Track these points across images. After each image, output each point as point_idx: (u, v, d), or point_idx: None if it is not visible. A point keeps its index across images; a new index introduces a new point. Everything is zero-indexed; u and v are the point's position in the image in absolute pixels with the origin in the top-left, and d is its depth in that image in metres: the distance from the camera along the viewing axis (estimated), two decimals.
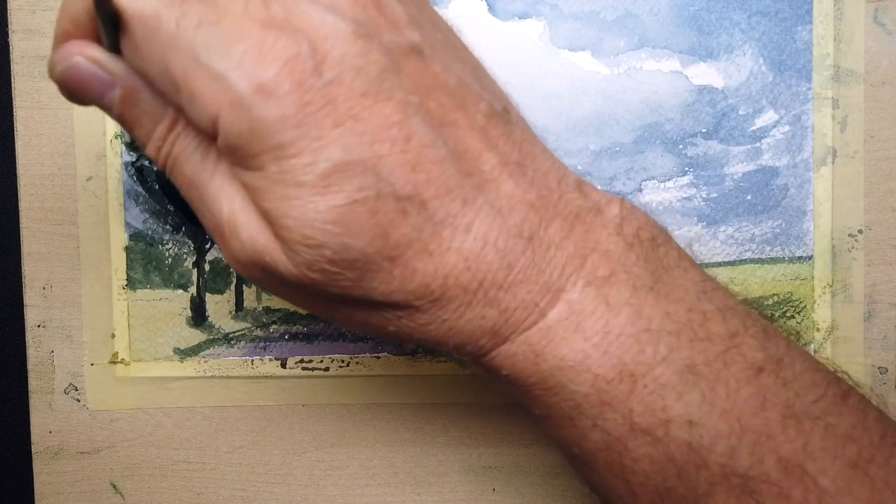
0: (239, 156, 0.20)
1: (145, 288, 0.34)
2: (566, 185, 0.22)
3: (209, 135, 0.20)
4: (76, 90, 0.21)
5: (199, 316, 0.34)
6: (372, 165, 0.19)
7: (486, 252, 0.21)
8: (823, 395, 0.22)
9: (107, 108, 0.22)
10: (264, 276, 0.21)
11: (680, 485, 0.21)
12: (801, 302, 0.32)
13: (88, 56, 0.21)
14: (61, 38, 0.21)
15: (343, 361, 0.34)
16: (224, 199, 0.21)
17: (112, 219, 0.33)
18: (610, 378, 0.21)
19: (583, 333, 0.21)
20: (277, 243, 0.20)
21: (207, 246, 0.34)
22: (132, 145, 0.33)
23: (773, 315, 0.32)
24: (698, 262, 0.24)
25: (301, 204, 0.19)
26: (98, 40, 0.21)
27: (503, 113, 0.22)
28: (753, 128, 0.32)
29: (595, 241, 0.22)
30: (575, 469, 0.24)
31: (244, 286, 0.34)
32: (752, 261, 0.32)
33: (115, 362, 0.34)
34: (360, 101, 0.19)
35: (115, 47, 0.21)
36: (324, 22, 0.19)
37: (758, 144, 0.32)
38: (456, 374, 0.34)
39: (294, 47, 0.19)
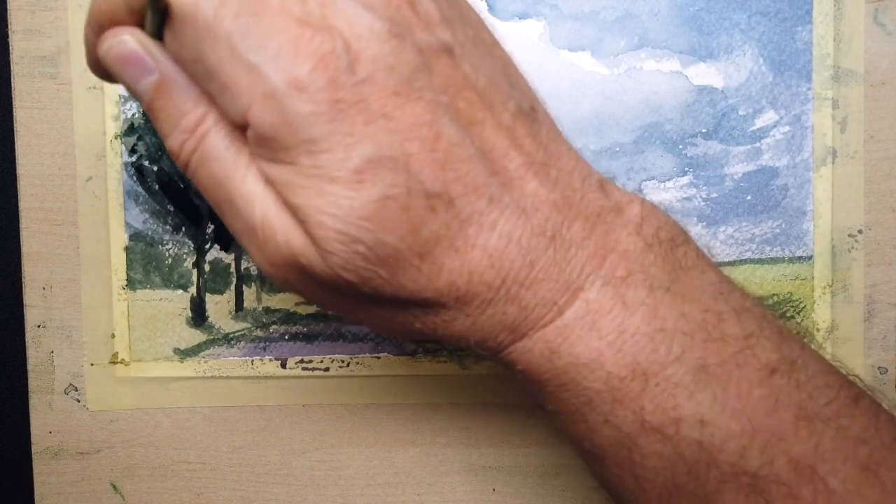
0: (271, 148, 0.20)
1: (145, 288, 0.34)
2: (589, 185, 0.22)
3: (240, 126, 0.20)
4: (117, 67, 0.22)
5: (199, 316, 0.34)
6: (403, 162, 0.20)
7: (509, 250, 0.21)
8: (836, 397, 0.22)
9: (139, 94, 0.22)
10: (298, 278, 0.21)
11: (689, 482, 0.22)
12: (801, 302, 0.32)
13: (137, 38, 0.21)
14: (107, 22, 0.22)
15: (343, 361, 0.34)
16: (257, 201, 0.21)
17: (112, 219, 0.33)
18: (623, 376, 0.21)
19: (598, 332, 0.21)
20: (312, 244, 0.20)
21: (207, 246, 0.34)
22: (133, 148, 0.33)
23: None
24: None
25: (335, 199, 0.20)
26: (141, 28, 0.22)
27: (530, 112, 0.22)
28: (753, 128, 0.32)
29: (615, 240, 0.22)
30: (586, 463, 0.25)
31: (244, 286, 0.34)
32: (752, 261, 0.32)
33: (115, 362, 0.34)
34: (392, 100, 0.20)
35: (157, 36, 0.21)
36: (359, 20, 0.20)
37: (758, 144, 0.32)
38: (456, 374, 0.34)
39: (329, 44, 0.19)
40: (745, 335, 0.22)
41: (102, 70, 0.22)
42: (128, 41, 0.21)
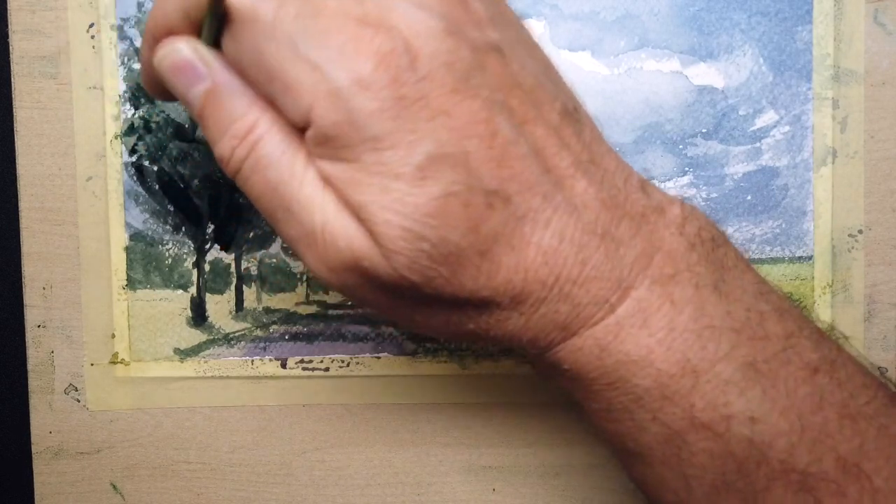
0: (333, 147, 0.20)
1: (145, 288, 0.34)
2: (631, 185, 0.23)
3: (300, 127, 0.20)
4: (170, 75, 0.22)
5: (199, 316, 0.34)
6: (462, 160, 0.20)
7: (563, 247, 0.21)
8: (874, 396, 0.22)
9: (191, 102, 0.22)
10: (358, 282, 0.21)
11: (738, 480, 0.22)
12: (801, 302, 0.32)
13: (192, 46, 0.21)
14: (163, 35, 0.22)
15: (343, 361, 0.34)
16: (316, 206, 0.21)
17: (112, 219, 0.33)
18: (672, 373, 0.21)
19: (648, 329, 0.22)
20: (375, 246, 0.20)
21: (207, 246, 0.34)
22: (133, 148, 0.33)
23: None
24: None
25: (400, 196, 0.20)
26: (197, 37, 0.22)
27: (574, 112, 0.22)
28: (753, 128, 0.32)
29: (660, 240, 0.22)
30: (624, 464, 0.25)
31: (244, 286, 0.34)
32: (752, 261, 0.32)
33: (115, 362, 0.34)
34: (451, 97, 0.20)
35: (213, 43, 0.21)
36: (416, 19, 0.20)
37: (758, 145, 0.32)
38: (456, 374, 0.34)
39: (389, 43, 0.19)
40: (786, 335, 0.22)
41: (158, 87, 0.23)
42: (182, 49, 0.21)
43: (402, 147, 0.19)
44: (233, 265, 0.34)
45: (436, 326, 0.23)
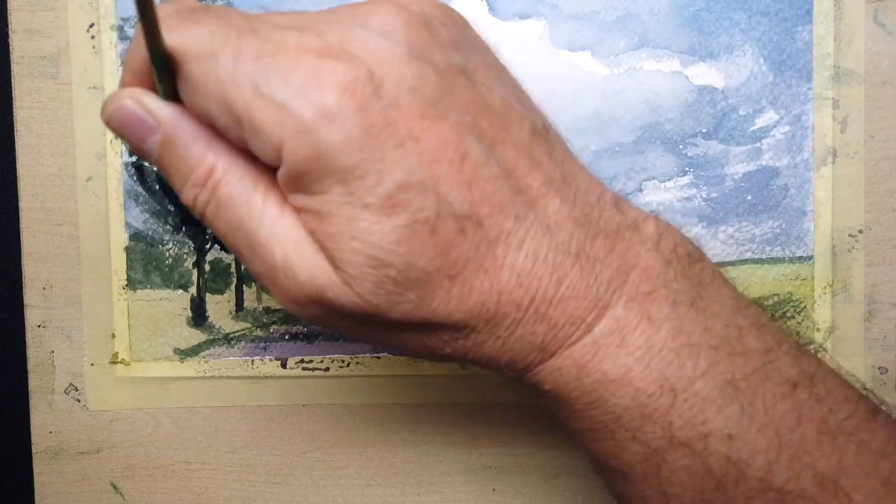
0: (304, 181, 0.20)
1: (145, 288, 0.34)
2: (605, 202, 0.23)
3: (273, 167, 0.21)
4: (120, 131, 0.22)
5: (199, 316, 0.34)
6: (432, 185, 0.20)
7: (537, 268, 0.21)
8: (855, 411, 0.22)
9: (148, 154, 0.22)
10: (323, 312, 0.21)
11: (717, 498, 0.22)
12: (801, 302, 0.32)
13: (137, 100, 0.22)
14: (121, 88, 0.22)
15: (343, 361, 0.34)
16: (276, 243, 0.21)
17: (112, 219, 0.33)
18: (651, 392, 0.21)
19: (626, 348, 0.21)
20: (338, 276, 0.20)
21: (207, 246, 0.34)
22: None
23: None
24: None
25: (367, 226, 0.20)
26: (155, 90, 0.22)
27: (543, 131, 0.22)
28: (753, 128, 0.32)
29: (635, 257, 0.22)
30: (608, 482, 0.25)
31: (244, 286, 0.34)
32: (752, 261, 0.32)
33: (115, 362, 0.34)
34: (419, 122, 0.20)
35: (170, 94, 0.22)
36: (378, 46, 0.20)
37: (758, 145, 0.32)
38: (456, 374, 0.34)
39: (352, 72, 0.19)
40: (765, 350, 0.22)
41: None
42: (127, 104, 0.22)
43: (371, 177, 0.19)
44: (233, 265, 0.34)
45: (413, 350, 0.23)
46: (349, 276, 0.20)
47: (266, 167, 0.21)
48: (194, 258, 0.34)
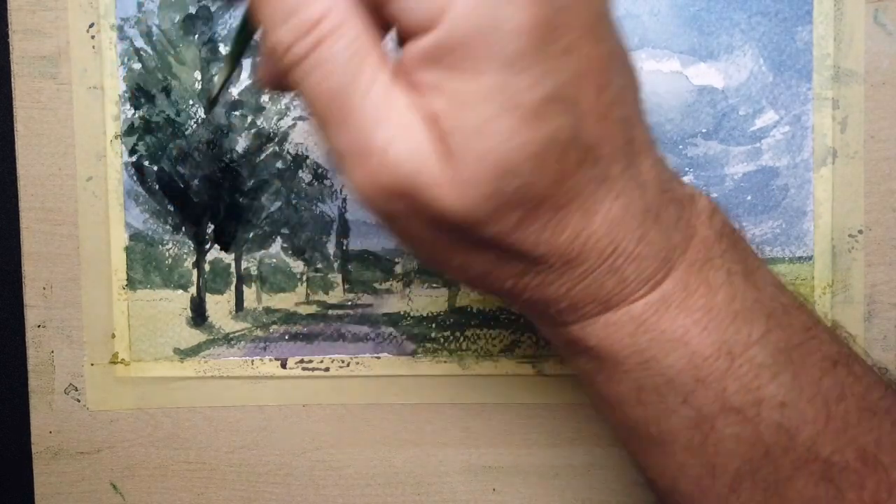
0: (457, 56, 0.18)
1: (145, 288, 0.34)
2: (670, 174, 0.23)
3: (412, 31, 0.18)
4: None
5: (199, 316, 0.34)
6: (573, 105, 0.18)
7: (626, 221, 0.21)
8: (885, 392, 0.23)
9: None
10: (405, 209, 0.19)
11: (764, 467, 0.22)
12: None
13: None
14: None
15: (343, 361, 0.34)
16: (381, 120, 0.18)
17: (112, 219, 0.33)
18: (707, 354, 0.21)
19: (686, 310, 0.21)
20: (448, 174, 0.18)
21: (207, 246, 0.34)
22: (133, 148, 0.33)
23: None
24: None
25: (508, 129, 0.18)
26: None
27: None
28: (753, 128, 0.32)
29: (694, 227, 0.22)
30: (640, 454, 0.24)
31: (244, 286, 0.34)
32: None
33: (115, 362, 0.34)
34: (585, 35, 0.18)
35: None
36: None
37: (758, 145, 0.32)
38: (456, 375, 0.34)
39: None
40: (806, 327, 0.22)
41: (276, 80, 0.21)
42: None
43: (531, 75, 0.17)
44: (233, 265, 0.34)
45: (471, 276, 0.21)
46: (463, 178, 0.18)
47: (380, 37, 0.19)
48: (194, 258, 0.34)
